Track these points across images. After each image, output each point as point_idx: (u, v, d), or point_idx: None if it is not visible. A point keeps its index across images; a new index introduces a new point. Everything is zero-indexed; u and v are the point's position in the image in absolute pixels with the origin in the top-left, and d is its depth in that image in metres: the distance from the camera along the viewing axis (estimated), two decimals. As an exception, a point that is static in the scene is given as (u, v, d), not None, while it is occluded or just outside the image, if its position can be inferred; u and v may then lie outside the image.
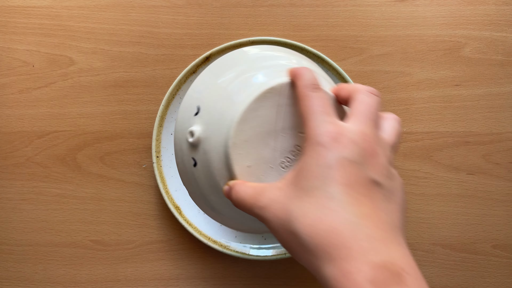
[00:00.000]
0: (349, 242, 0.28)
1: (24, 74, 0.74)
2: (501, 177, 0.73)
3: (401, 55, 0.73)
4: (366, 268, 0.27)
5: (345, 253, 0.28)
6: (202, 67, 0.69)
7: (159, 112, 0.69)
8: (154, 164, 0.69)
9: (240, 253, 0.69)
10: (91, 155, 0.74)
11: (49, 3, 0.74)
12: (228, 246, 0.69)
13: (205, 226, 0.70)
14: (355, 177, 0.30)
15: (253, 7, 0.74)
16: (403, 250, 0.29)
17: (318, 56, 0.69)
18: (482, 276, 0.72)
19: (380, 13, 0.74)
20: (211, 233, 0.70)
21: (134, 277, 0.73)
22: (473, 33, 0.73)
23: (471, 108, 0.73)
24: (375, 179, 0.31)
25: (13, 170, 0.74)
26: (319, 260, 0.29)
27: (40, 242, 0.73)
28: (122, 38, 0.74)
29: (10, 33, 0.74)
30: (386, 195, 0.32)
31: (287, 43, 0.69)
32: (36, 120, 0.74)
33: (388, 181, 0.32)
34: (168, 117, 0.70)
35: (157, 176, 0.69)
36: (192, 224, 0.69)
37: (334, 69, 0.69)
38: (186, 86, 0.69)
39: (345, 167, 0.31)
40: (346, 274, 0.27)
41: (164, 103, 0.69)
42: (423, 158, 0.73)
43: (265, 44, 0.69)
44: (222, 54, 0.69)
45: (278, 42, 0.70)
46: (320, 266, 0.29)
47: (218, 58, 0.57)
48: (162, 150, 0.70)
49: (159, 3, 0.74)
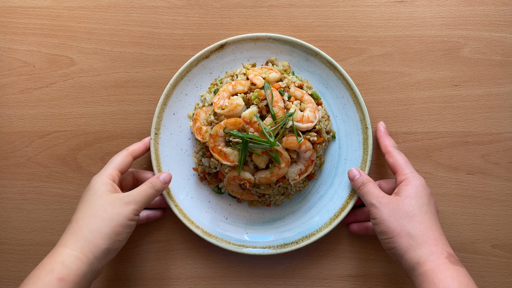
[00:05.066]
0: (437, 238, 0.58)
1: (25, 75, 0.74)
2: (500, 177, 0.73)
3: (400, 55, 0.74)
4: (443, 251, 0.56)
5: (434, 242, 0.57)
6: (215, 54, 0.71)
7: (166, 90, 0.71)
8: (152, 140, 0.71)
9: (233, 243, 0.69)
10: (91, 155, 0.74)
11: (50, 3, 0.74)
12: (208, 232, 0.70)
13: (192, 210, 0.71)
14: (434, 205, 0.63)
15: (253, 8, 0.74)
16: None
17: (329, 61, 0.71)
18: (481, 275, 0.72)
19: (379, 14, 0.74)
20: (196, 217, 0.71)
21: (134, 277, 0.73)
22: (472, 33, 0.74)
23: (470, 108, 0.73)
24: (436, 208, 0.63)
25: (14, 170, 0.74)
26: (417, 243, 0.57)
27: (41, 242, 0.73)
28: (123, 39, 0.74)
29: (11, 34, 0.74)
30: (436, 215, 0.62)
31: (302, 45, 0.71)
32: (37, 120, 0.74)
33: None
34: (174, 97, 0.72)
35: (152, 153, 0.70)
36: (178, 205, 0.70)
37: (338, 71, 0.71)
38: (197, 70, 0.72)
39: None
40: (433, 252, 0.56)
41: (172, 82, 0.71)
42: (423, 158, 0.73)
43: (279, 41, 0.71)
44: (237, 44, 0.72)
45: (293, 42, 0.71)
46: (415, 247, 0.56)
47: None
48: (162, 128, 0.71)
49: (159, 3, 0.74)
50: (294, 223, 0.72)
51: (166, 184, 0.66)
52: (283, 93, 0.66)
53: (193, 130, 0.70)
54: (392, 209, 0.60)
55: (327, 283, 0.72)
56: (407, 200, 0.60)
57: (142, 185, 0.64)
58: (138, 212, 0.61)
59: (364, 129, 0.70)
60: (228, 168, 0.67)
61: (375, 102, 0.74)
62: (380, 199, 0.61)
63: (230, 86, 0.67)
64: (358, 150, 0.71)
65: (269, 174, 0.66)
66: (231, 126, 0.64)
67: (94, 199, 0.60)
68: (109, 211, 0.59)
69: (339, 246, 0.73)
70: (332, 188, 0.72)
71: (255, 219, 0.73)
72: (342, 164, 0.72)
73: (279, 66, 0.72)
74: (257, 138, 0.63)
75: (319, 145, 0.68)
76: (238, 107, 0.65)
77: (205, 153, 0.69)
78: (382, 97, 0.74)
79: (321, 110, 0.70)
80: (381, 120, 0.73)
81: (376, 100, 0.74)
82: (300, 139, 0.64)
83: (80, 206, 0.61)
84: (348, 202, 0.70)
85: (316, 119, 0.67)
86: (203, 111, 0.69)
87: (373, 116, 0.74)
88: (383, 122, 0.72)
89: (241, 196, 0.70)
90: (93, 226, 0.58)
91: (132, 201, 0.60)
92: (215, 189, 0.73)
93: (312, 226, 0.70)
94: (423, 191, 0.62)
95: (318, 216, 0.71)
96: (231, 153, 0.65)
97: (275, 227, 0.72)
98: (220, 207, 0.73)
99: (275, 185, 0.68)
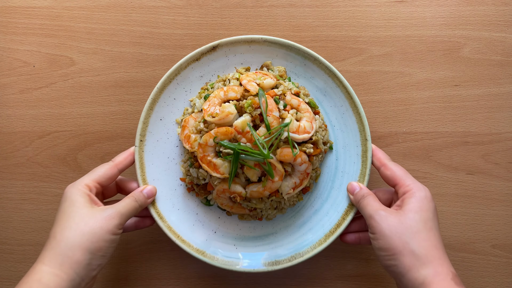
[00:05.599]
0: (441, 258, 0.54)
1: (24, 75, 0.74)
2: (500, 177, 0.73)
3: (400, 55, 0.74)
4: (449, 272, 0.53)
5: (439, 262, 0.54)
6: (207, 56, 0.67)
7: (152, 94, 0.66)
8: (136, 147, 0.66)
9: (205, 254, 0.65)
10: (91, 155, 0.74)
11: (49, 3, 0.74)
12: (196, 248, 0.66)
13: (178, 222, 0.67)
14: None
15: (253, 8, 0.74)
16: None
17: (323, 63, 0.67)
18: (481, 275, 0.72)
19: (379, 14, 0.74)
20: (182, 231, 0.67)
21: (134, 277, 0.73)
22: (472, 33, 0.73)
23: (470, 108, 0.73)
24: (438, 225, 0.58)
25: (14, 170, 0.74)
26: (421, 263, 0.53)
27: (41, 242, 0.73)
28: (123, 39, 0.74)
29: (11, 34, 0.74)
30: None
31: (300, 49, 0.67)
32: (36, 120, 0.74)
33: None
34: (161, 101, 0.67)
35: (136, 161, 0.66)
36: (164, 217, 0.66)
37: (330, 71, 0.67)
38: (187, 73, 0.68)
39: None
40: (439, 273, 0.53)
41: (160, 85, 0.66)
42: (423, 158, 0.73)
43: (275, 44, 0.67)
44: (230, 46, 0.67)
45: (290, 46, 0.67)
46: (419, 267, 0.53)
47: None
48: (148, 134, 0.67)
49: (159, 3, 0.74)
50: (287, 239, 0.68)
51: (150, 199, 0.64)
52: (278, 101, 0.63)
53: (181, 138, 0.66)
54: (394, 224, 0.55)
55: (327, 283, 0.72)
56: (410, 214, 0.56)
57: (125, 198, 0.61)
58: (122, 226, 0.58)
59: (364, 141, 0.66)
60: (217, 180, 0.63)
61: (375, 102, 0.74)
62: (381, 212, 0.57)
63: (222, 92, 0.63)
64: (357, 163, 0.67)
65: (262, 188, 0.62)
66: (222, 136, 0.61)
67: (72, 211, 0.57)
68: (90, 224, 0.55)
69: (339, 246, 0.73)
70: (328, 202, 0.68)
71: (246, 233, 0.69)
72: (339, 177, 0.68)
73: (274, 71, 0.68)
74: (250, 149, 0.59)
75: (316, 157, 0.65)
76: (229, 115, 0.61)
77: (193, 163, 0.65)
78: (382, 97, 0.74)
79: (318, 120, 0.66)
80: (381, 120, 0.73)
81: (376, 100, 0.74)
82: (296, 151, 0.61)
83: (57, 219, 0.57)
84: (345, 217, 0.65)
85: (313, 130, 0.64)
86: (192, 118, 0.65)
87: (373, 116, 0.73)
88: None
89: (231, 209, 0.67)
90: (73, 240, 0.54)
91: (115, 215, 0.57)
92: (203, 201, 0.69)
93: (306, 242, 0.66)
94: (428, 204, 0.57)
95: (312, 232, 0.67)
96: (221, 165, 0.62)
97: (267, 243, 0.68)
98: (209, 220, 0.69)
99: (267, 199, 0.65)
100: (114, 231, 0.57)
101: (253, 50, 0.69)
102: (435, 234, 0.56)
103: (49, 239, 0.56)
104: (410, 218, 0.56)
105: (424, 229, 0.55)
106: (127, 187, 0.67)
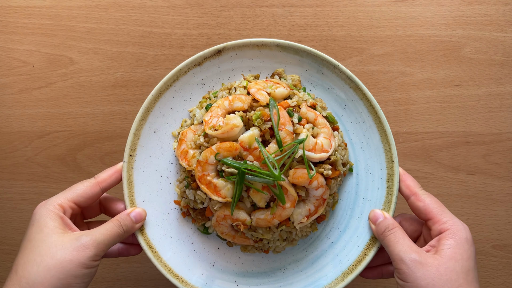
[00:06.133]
0: None
1: (24, 74, 0.74)
2: (501, 177, 0.73)
3: (401, 55, 0.73)
4: None
5: None
6: (210, 60, 0.59)
7: (145, 103, 0.58)
8: (125, 163, 0.57)
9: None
10: (91, 155, 0.74)
11: (49, 3, 0.74)
12: (190, 284, 0.57)
13: (170, 253, 0.58)
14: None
15: (253, 7, 0.74)
16: None
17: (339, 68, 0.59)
18: (482, 276, 0.72)
19: (380, 13, 0.74)
20: (174, 263, 0.58)
21: (134, 277, 0.73)
22: (473, 33, 0.73)
23: (471, 108, 0.73)
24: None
25: (13, 170, 0.74)
26: None
27: (40, 242, 0.73)
28: (122, 38, 0.74)
29: (10, 33, 0.74)
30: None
31: (317, 55, 0.58)
32: (36, 120, 0.74)
33: None
34: (156, 111, 0.59)
35: (124, 180, 0.57)
36: (153, 247, 0.57)
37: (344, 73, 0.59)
38: (186, 79, 0.60)
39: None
40: None
41: (155, 92, 0.58)
42: (423, 158, 0.73)
43: (289, 49, 0.59)
44: (238, 50, 0.59)
45: (305, 51, 0.59)
46: None
47: None
48: (139, 149, 0.58)
49: (159, 3, 0.74)
50: (298, 276, 0.58)
51: (138, 224, 0.55)
52: (292, 114, 0.55)
53: (177, 154, 0.57)
54: (431, 276, 0.47)
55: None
56: (450, 264, 0.48)
57: (108, 222, 0.52)
58: (99, 257, 0.49)
59: (390, 163, 0.57)
60: (218, 205, 0.55)
61: (376, 102, 0.74)
62: (414, 256, 0.48)
63: (227, 102, 0.55)
64: (381, 189, 0.57)
65: (270, 215, 0.54)
66: (225, 152, 0.53)
67: (39, 239, 0.48)
68: (58, 256, 0.47)
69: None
70: (347, 233, 0.59)
71: (249, 267, 0.60)
72: (360, 204, 0.59)
73: (287, 80, 0.61)
74: (257, 169, 0.51)
75: (334, 180, 0.56)
76: (235, 128, 0.53)
77: (190, 183, 0.56)
78: (383, 97, 0.73)
79: (338, 137, 0.58)
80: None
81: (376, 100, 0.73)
82: (312, 173, 0.52)
83: (22, 248, 0.49)
84: (367, 252, 0.56)
85: (331, 148, 0.55)
86: (191, 131, 0.57)
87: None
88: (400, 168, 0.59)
89: (232, 239, 0.58)
90: (36, 277, 0.46)
91: (91, 244, 0.48)
92: (200, 228, 0.60)
93: (320, 282, 0.56)
94: (469, 249, 0.49)
95: (327, 269, 0.57)
96: (223, 186, 0.53)
97: (273, 280, 0.58)
98: (206, 251, 0.60)
99: (276, 229, 0.56)
100: (87, 264, 0.48)
101: (263, 56, 0.60)
102: (476, 287, 0.48)
103: (11, 273, 0.48)
104: (450, 269, 0.47)
105: (466, 282, 0.47)
106: (112, 208, 0.58)
